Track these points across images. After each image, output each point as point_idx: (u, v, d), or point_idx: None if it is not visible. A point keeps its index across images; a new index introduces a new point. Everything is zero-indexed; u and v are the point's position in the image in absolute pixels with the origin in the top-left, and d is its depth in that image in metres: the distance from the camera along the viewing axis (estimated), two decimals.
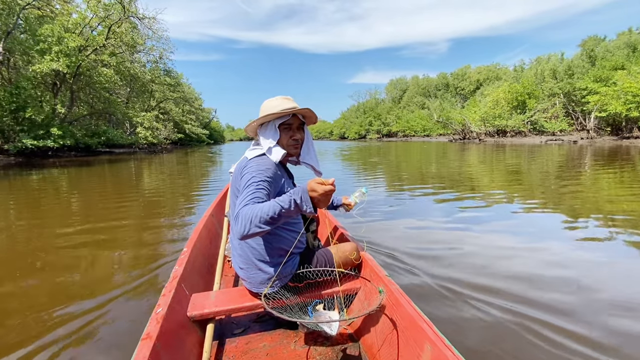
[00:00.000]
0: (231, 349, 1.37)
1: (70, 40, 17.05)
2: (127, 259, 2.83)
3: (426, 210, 4.47)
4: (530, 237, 3.20)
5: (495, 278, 2.27)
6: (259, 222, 1.09)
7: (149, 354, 0.95)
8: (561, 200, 4.88)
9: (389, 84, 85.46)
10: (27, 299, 2.13)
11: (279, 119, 1.38)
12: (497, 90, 36.02)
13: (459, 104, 63.70)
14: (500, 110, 33.98)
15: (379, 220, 3.94)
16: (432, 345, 1.00)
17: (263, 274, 1.39)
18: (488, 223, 3.71)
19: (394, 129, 68.16)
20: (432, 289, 2.13)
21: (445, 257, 2.69)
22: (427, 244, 3.04)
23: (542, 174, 7.99)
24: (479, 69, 67.68)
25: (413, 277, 2.32)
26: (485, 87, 58.37)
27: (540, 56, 50.69)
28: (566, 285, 2.16)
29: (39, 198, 5.94)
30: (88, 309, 1.95)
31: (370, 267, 1.54)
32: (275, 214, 1.10)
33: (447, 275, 2.32)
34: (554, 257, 2.67)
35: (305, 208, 1.13)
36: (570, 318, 1.78)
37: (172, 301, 1.25)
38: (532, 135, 33.34)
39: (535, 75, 37.93)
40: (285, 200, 1.12)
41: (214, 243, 2.26)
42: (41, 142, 17.23)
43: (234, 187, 1.39)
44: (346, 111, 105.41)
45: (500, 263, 2.55)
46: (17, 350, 1.57)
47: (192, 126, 47.57)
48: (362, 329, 1.45)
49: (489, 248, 2.92)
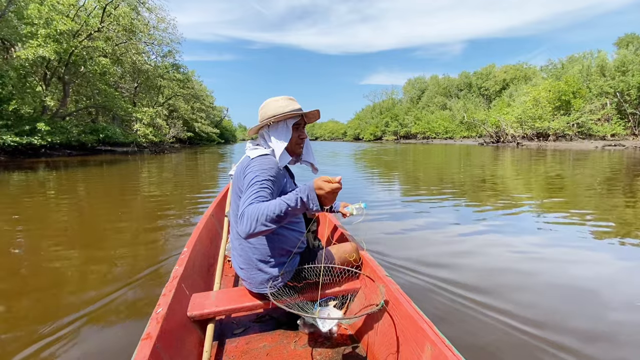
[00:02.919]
0: (231, 349, 1.37)
1: (60, 23, 14.76)
2: (126, 259, 2.79)
3: (451, 216, 4.24)
4: (554, 247, 3.02)
5: (504, 288, 2.21)
6: (265, 221, 1.08)
7: (149, 354, 0.94)
8: (609, 214, 4.26)
9: (407, 83, 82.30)
10: (27, 298, 2.13)
11: (292, 119, 1.40)
12: (537, 89, 32.14)
13: (482, 105, 60.33)
14: (542, 110, 30.21)
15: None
16: (433, 345, 1.00)
17: (263, 274, 1.38)
18: (510, 231, 3.55)
19: (414, 130, 65.17)
20: (433, 290, 2.14)
21: (454, 261, 2.67)
22: (446, 248, 3.00)
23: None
24: (504, 68, 64.35)
25: (414, 277, 2.33)
26: (514, 86, 54.87)
27: (573, 55, 46.95)
28: (576, 301, 2.05)
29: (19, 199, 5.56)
30: (87, 309, 1.92)
31: (371, 267, 1.54)
32: (282, 212, 1.08)
33: (451, 279, 2.30)
34: (569, 267, 2.58)
35: (311, 206, 1.11)
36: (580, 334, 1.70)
37: (173, 301, 1.24)
38: (578, 140, 29.53)
39: (580, 72, 33.94)
40: (292, 198, 1.11)
41: (214, 243, 2.26)
42: (25, 139, 15.03)
43: (235, 187, 1.38)
44: (361, 111, 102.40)
45: (514, 273, 2.46)
46: (18, 350, 1.57)
47: (202, 124, 45.55)
48: (362, 328, 1.44)
49: (503, 255, 2.83)
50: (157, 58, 28.55)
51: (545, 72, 57.46)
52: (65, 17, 15.53)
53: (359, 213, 1.75)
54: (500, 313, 1.86)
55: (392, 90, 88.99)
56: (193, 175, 9.69)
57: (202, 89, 51.86)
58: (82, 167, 12.19)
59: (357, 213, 1.75)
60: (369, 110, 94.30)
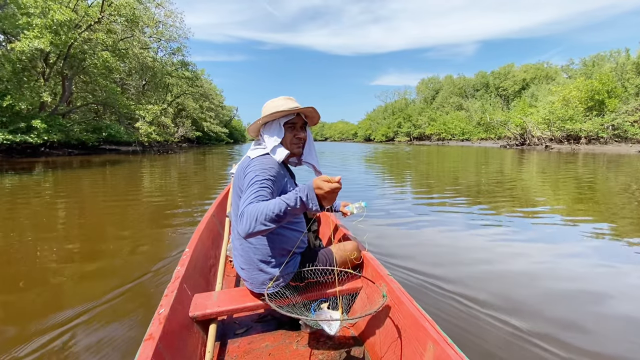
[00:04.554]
0: (233, 349, 1.36)
1: (57, 13, 13.69)
2: (128, 259, 2.78)
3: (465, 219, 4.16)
4: (576, 257, 2.87)
5: (509, 291, 2.18)
6: (264, 220, 1.07)
7: (152, 354, 0.93)
8: None
9: (421, 83, 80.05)
10: (28, 297, 2.13)
11: (283, 118, 1.39)
12: (567, 87, 29.74)
13: (500, 106, 57.91)
14: (573, 111, 27.89)
15: None
16: (435, 344, 0.99)
17: (264, 274, 1.38)
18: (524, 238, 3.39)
19: (428, 131, 62.98)
20: (436, 290, 2.13)
21: (457, 262, 2.67)
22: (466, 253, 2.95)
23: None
24: (524, 67, 62.03)
25: (416, 278, 2.32)
26: (535, 86, 52.38)
27: (599, 53, 44.19)
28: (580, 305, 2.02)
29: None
30: (89, 309, 1.91)
31: (372, 267, 1.53)
32: (281, 212, 1.07)
33: (455, 280, 2.29)
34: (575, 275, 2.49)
35: (311, 206, 1.09)
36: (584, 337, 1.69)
37: (175, 301, 1.24)
38: (614, 143, 27.18)
39: (614, 70, 31.40)
40: (291, 197, 1.09)
41: (215, 243, 2.25)
42: (18, 137, 14.01)
43: (236, 187, 1.37)
44: (372, 112, 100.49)
45: (523, 278, 2.41)
46: (18, 349, 1.56)
47: (210, 124, 44.65)
48: (365, 328, 1.44)
49: (515, 261, 2.77)
50: (165, 55, 27.64)
51: (566, 72, 55.32)
52: (64, 8, 14.48)
53: (359, 212, 1.75)
54: (502, 315, 1.84)
55: (405, 90, 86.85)
56: (199, 174, 9.28)
57: (212, 88, 51.05)
58: (82, 167, 11.31)
59: (357, 212, 1.76)
60: (380, 110, 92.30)
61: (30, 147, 16.48)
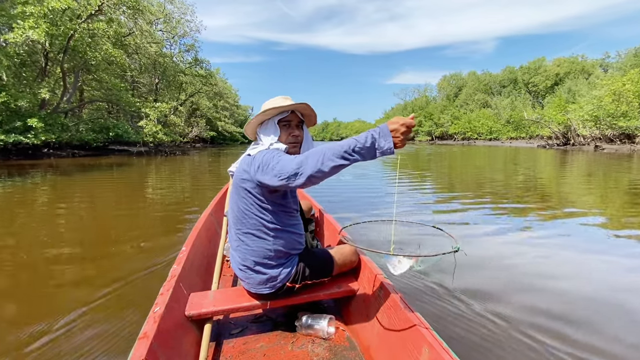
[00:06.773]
0: (228, 349, 1.36)
1: (53, 0, 12.41)
2: (124, 256, 2.76)
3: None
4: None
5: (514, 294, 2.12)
6: (332, 155, 1.02)
7: (146, 353, 0.93)
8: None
9: (442, 79, 76.60)
10: (24, 294, 2.12)
11: (277, 116, 1.37)
12: (618, 79, 26.28)
13: (529, 102, 53.97)
14: (626, 107, 24.54)
15: None
16: (430, 349, 0.99)
17: (261, 274, 1.36)
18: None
19: (452, 130, 59.65)
20: (433, 295, 2.10)
21: (459, 266, 2.48)
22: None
23: None
24: (557, 61, 57.78)
25: (414, 282, 2.28)
26: (571, 81, 48.27)
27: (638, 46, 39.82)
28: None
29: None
30: (83, 306, 1.89)
31: (369, 269, 1.53)
32: (350, 149, 1.01)
33: (456, 285, 2.22)
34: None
35: (383, 144, 1.00)
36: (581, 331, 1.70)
37: (170, 300, 1.23)
38: None
39: None
40: (362, 136, 1.03)
41: (212, 242, 2.25)
42: (12, 138, 12.86)
43: (236, 186, 1.35)
44: (390, 110, 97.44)
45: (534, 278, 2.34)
46: (15, 346, 1.55)
47: (225, 123, 43.57)
48: (360, 330, 1.43)
49: (525, 262, 2.67)
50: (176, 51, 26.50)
51: (602, 66, 50.83)
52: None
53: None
54: (503, 319, 1.82)
55: (426, 87, 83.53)
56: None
57: (227, 87, 50.10)
58: (82, 171, 9.93)
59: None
60: (399, 108, 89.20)
61: (32, 148, 15.43)
